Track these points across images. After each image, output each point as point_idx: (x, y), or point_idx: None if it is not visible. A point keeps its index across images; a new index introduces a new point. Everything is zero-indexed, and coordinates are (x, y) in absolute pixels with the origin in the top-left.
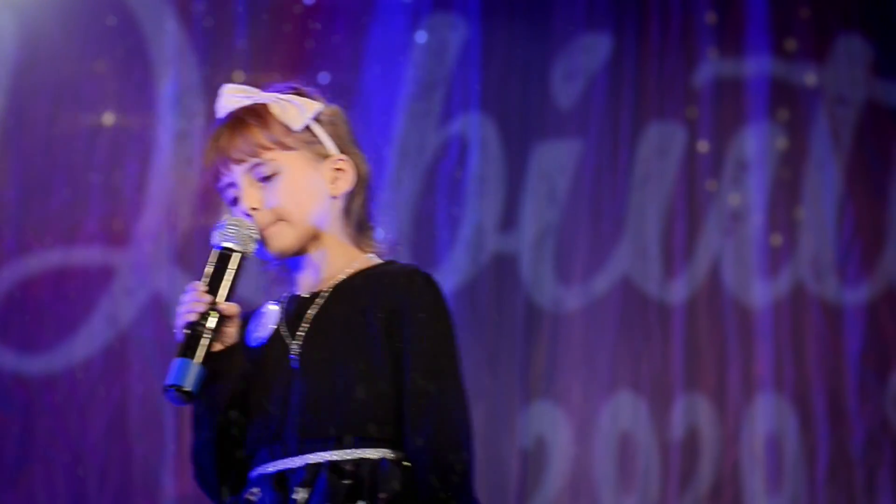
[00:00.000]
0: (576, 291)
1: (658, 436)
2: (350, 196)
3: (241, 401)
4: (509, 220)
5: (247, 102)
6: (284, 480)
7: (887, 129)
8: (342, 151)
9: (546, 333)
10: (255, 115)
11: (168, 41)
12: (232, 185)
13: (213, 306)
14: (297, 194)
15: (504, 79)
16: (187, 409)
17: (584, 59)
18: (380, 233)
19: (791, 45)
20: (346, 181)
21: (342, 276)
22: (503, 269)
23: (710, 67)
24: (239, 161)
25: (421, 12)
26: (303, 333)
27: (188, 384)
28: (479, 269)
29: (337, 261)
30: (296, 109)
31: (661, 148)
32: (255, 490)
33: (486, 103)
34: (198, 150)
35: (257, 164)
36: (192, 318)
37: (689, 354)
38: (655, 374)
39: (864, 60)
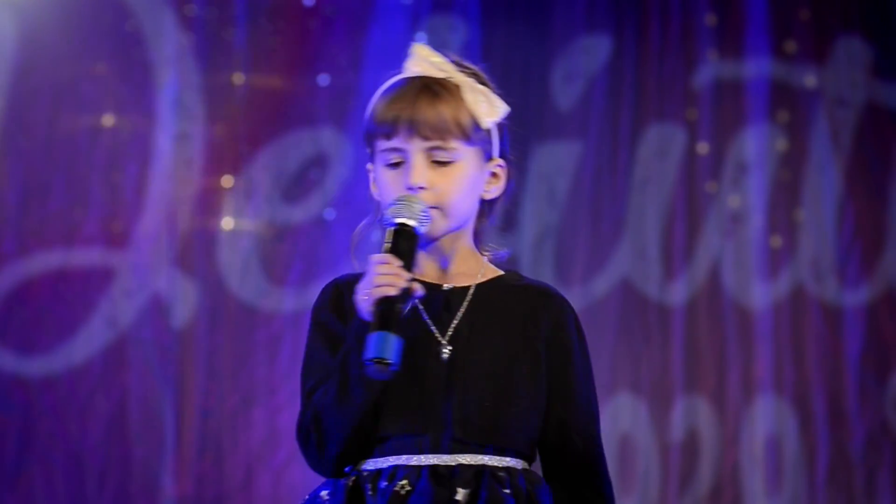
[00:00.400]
0: (576, 293)
1: (658, 437)
2: (493, 201)
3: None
4: (509, 221)
5: (441, 76)
6: (441, 478)
7: (887, 130)
8: (501, 155)
9: None
10: (451, 95)
11: (168, 43)
12: (400, 151)
13: (409, 284)
14: (463, 189)
15: (504, 80)
16: (191, 410)
17: (583, 60)
18: (496, 239)
19: (791, 46)
20: (499, 188)
21: (480, 279)
22: None
23: (709, 69)
24: (425, 137)
25: (421, 14)
26: (454, 329)
27: (391, 356)
28: None
29: (466, 259)
30: (487, 105)
31: (660, 149)
32: (403, 483)
33: None
34: (197, 151)
35: (440, 147)
36: (393, 293)
37: (688, 356)
38: (655, 375)
39: (863, 62)
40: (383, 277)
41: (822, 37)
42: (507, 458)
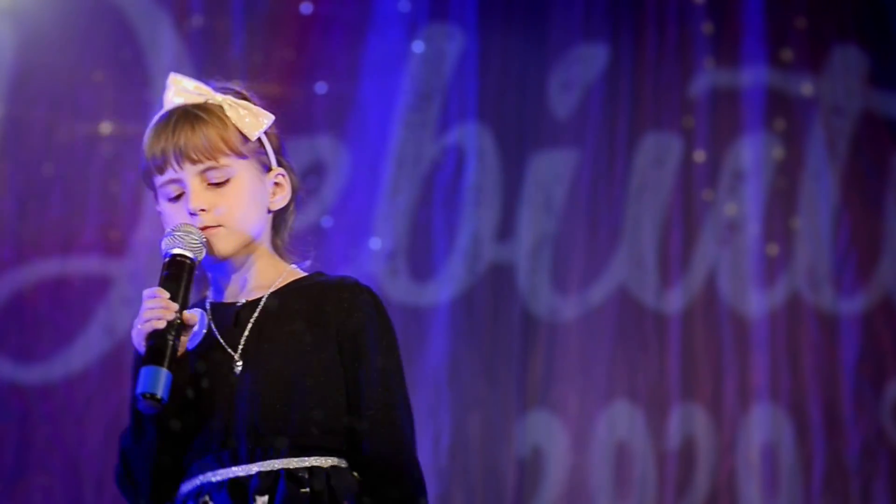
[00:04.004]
0: (572, 301)
1: (654, 445)
2: (283, 209)
3: (181, 408)
4: (506, 229)
5: (200, 100)
6: (239, 488)
7: (883, 139)
8: (278, 164)
9: (543, 343)
10: (213, 116)
11: (165, 51)
12: (177, 181)
13: (179, 315)
14: (245, 203)
15: (501, 89)
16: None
17: (580, 69)
18: (298, 244)
19: (787, 55)
20: (284, 195)
21: (275, 287)
22: (500, 278)
23: (706, 77)
24: (194, 161)
25: (418, 23)
26: (244, 342)
27: (161, 391)
28: (475, 278)
29: (265, 271)
30: (252, 118)
31: (657, 158)
32: (205, 499)
33: (483, 113)
34: None
35: (212, 168)
36: (161, 325)
37: (685, 364)
38: (652, 383)
39: (859, 71)
40: (151, 311)
41: (818, 45)
42: (312, 458)
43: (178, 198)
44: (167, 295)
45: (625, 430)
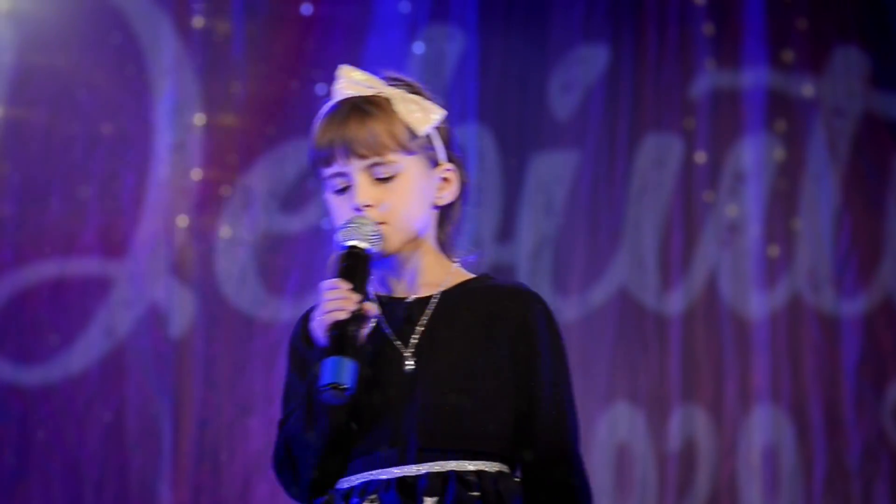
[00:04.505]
0: (573, 302)
1: (655, 447)
2: (449, 206)
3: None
4: (507, 231)
5: (370, 93)
6: (407, 488)
7: (884, 140)
8: (448, 159)
9: None
10: (381, 110)
11: (165, 52)
12: (343, 174)
13: (360, 306)
14: (411, 200)
15: (501, 90)
16: (188, 420)
17: (581, 70)
18: (463, 243)
19: (788, 56)
20: (452, 192)
21: (445, 286)
22: None
23: (707, 78)
24: (362, 156)
25: (418, 23)
26: (417, 340)
27: (346, 380)
28: None
29: (432, 268)
30: (421, 113)
31: (658, 159)
32: (373, 497)
33: (484, 114)
34: (195, 161)
35: (379, 164)
36: (344, 316)
37: (686, 366)
38: (652, 385)
39: (861, 72)
40: (333, 303)
41: (819, 46)
42: (479, 462)
43: (343, 190)
44: (348, 286)
45: (625, 431)
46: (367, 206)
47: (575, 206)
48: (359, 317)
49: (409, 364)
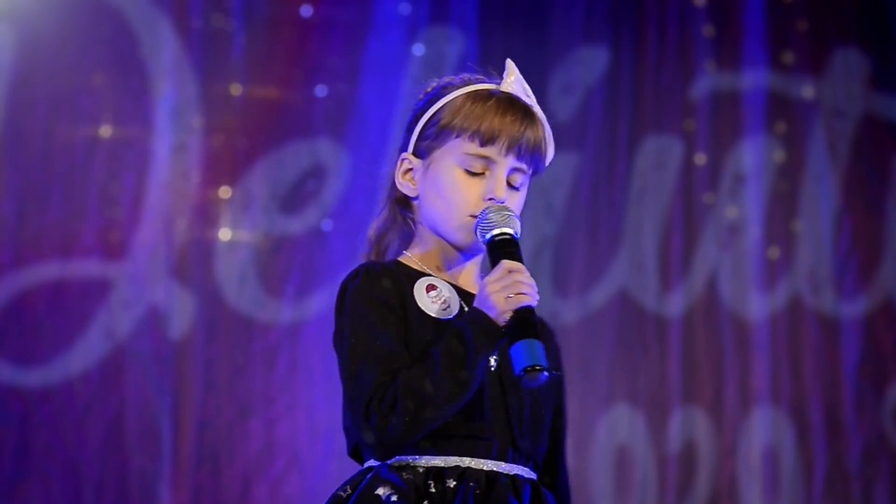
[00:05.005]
0: (573, 304)
1: (655, 448)
2: None
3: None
4: None
5: (530, 102)
6: (503, 486)
7: (884, 142)
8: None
9: None
10: (541, 128)
11: (165, 54)
12: (489, 160)
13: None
14: (518, 213)
15: None
16: (188, 421)
17: (581, 72)
18: None
19: (788, 58)
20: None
21: None
22: None
23: (707, 80)
24: (519, 156)
25: (418, 25)
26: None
27: (545, 362)
28: None
29: (477, 279)
30: (551, 145)
31: (658, 161)
32: (471, 484)
33: None
34: (195, 162)
35: (522, 171)
36: (533, 302)
37: (686, 367)
38: (652, 386)
39: (861, 74)
40: (526, 286)
41: (819, 48)
42: (533, 473)
43: (475, 174)
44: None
45: (625, 433)
46: (501, 202)
47: (575, 207)
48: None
49: (493, 361)
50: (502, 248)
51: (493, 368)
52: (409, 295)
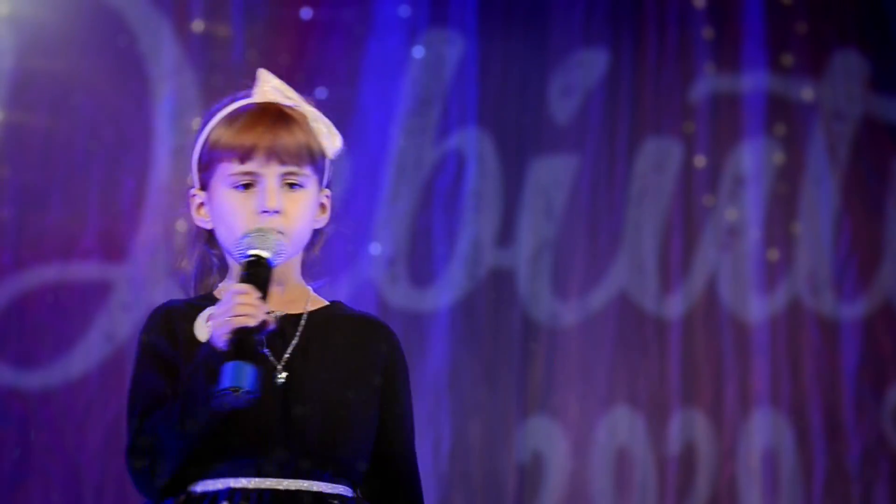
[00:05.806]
0: (573, 306)
1: (655, 451)
2: (318, 231)
3: None
4: (506, 235)
5: (289, 104)
6: (282, 502)
7: (884, 144)
8: (327, 185)
9: (543, 348)
10: (305, 123)
11: (165, 56)
12: (254, 175)
13: (266, 316)
14: (307, 215)
15: (501, 94)
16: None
17: (580, 74)
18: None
19: (788, 60)
20: (326, 218)
21: (309, 307)
22: (500, 283)
23: (706, 82)
24: (283, 163)
25: (418, 28)
26: (289, 355)
27: (249, 384)
28: (476, 284)
29: (297, 287)
30: (330, 136)
31: (657, 163)
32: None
33: (483, 119)
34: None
35: (295, 173)
36: (252, 323)
37: (685, 369)
38: (652, 388)
39: (860, 76)
40: (244, 307)
41: (819, 50)
42: (340, 486)
43: (245, 187)
44: (257, 294)
45: (625, 435)
46: (276, 211)
47: (575, 210)
48: (262, 326)
49: (281, 377)
50: (246, 270)
51: (280, 381)
52: (188, 330)
